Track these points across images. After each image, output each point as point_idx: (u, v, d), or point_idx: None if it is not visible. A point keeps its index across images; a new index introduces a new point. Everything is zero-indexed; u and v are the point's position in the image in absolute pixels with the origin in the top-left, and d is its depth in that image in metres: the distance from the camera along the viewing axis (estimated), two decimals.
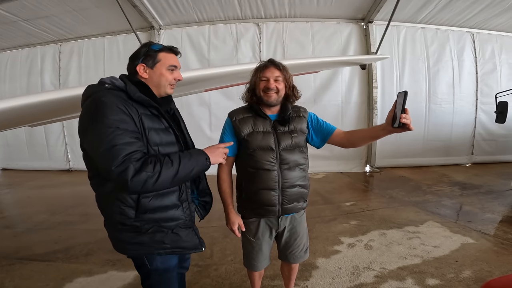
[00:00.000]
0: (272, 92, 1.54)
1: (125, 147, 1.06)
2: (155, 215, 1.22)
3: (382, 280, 2.35)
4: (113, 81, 1.21)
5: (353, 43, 6.57)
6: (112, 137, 1.05)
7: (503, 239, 2.97)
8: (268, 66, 1.57)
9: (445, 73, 6.75)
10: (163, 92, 1.32)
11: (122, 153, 1.04)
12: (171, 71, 1.30)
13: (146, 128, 1.18)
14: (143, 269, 1.33)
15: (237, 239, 1.73)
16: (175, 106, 1.48)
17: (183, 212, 1.31)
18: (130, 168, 1.03)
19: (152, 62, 1.27)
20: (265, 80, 1.55)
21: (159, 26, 6.43)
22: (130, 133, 1.10)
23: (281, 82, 1.56)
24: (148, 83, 1.27)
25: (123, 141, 1.06)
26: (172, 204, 1.26)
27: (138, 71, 1.26)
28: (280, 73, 1.55)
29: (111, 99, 1.11)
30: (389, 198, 4.52)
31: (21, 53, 7.27)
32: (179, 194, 1.30)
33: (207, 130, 6.58)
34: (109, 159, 1.04)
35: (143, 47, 1.29)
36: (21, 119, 2.46)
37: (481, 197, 4.41)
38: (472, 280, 2.29)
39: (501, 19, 6.41)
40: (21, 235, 3.50)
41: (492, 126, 6.76)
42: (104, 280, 2.47)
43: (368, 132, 1.62)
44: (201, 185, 1.49)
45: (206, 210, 1.53)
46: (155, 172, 1.08)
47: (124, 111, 1.11)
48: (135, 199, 1.18)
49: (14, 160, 7.60)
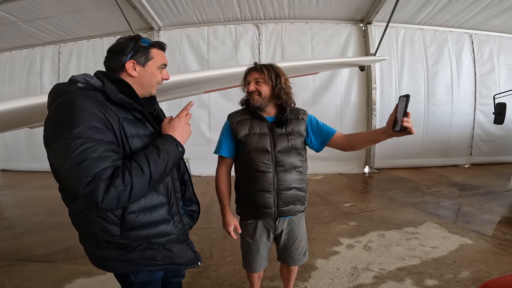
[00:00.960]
0: (254, 94, 1.55)
1: (96, 163, 0.88)
2: (144, 232, 1.09)
3: (381, 281, 2.35)
4: (87, 79, 1.03)
5: (352, 44, 6.60)
6: (81, 150, 0.88)
7: (501, 240, 2.99)
8: (250, 69, 1.59)
9: (444, 74, 6.78)
10: (147, 93, 1.18)
11: (92, 171, 0.87)
12: (161, 70, 1.18)
13: (128, 135, 1.02)
14: (125, 280, 1.20)
15: (236, 240, 1.74)
16: (159, 107, 1.36)
17: (174, 227, 1.18)
18: (99, 188, 0.87)
19: (145, 59, 1.12)
20: (248, 84, 1.57)
21: (158, 27, 6.44)
22: (105, 145, 0.93)
23: (263, 84, 1.54)
24: (133, 82, 1.12)
25: (94, 155, 0.89)
26: (162, 219, 1.13)
27: (127, 68, 1.09)
28: (259, 74, 1.55)
29: (84, 102, 0.93)
30: (388, 199, 4.54)
31: (20, 54, 7.28)
32: (169, 207, 1.16)
33: (206, 131, 6.58)
34: (75, 178, 0.88)
35: (131, 40, 1.11)
36: (20, 121, 2.46)
37: (479, 198, 4.42)
38: (470, 280, 2.30)
39: (499, 20, 6.44)
40: (20, 236, 3.50)
41: (491, 127, 6.77)
42: (104, 281, 2.47)
43: (368, 135, 1.60)
44: (187, 193, 1.37)
45: (193, 220, 1.40)
46: (126, 185, 0.91)
47: (100, 117, 0.94)
48: (119, 215, 1.04)
49: (14, 162, 7.59)
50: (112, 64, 1.11)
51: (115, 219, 1.04)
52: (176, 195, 1.21)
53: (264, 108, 1.59)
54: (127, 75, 1.11)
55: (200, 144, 5.92)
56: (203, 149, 5.47)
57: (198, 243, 2.56)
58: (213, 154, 1.72)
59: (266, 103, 1.58)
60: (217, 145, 1.70)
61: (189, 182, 1.40)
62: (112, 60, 1.10)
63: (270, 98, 1.57)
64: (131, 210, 1.05)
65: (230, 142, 1.65)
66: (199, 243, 2.99)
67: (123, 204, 0.93)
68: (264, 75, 1.54)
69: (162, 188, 1.14)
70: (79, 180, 0.87)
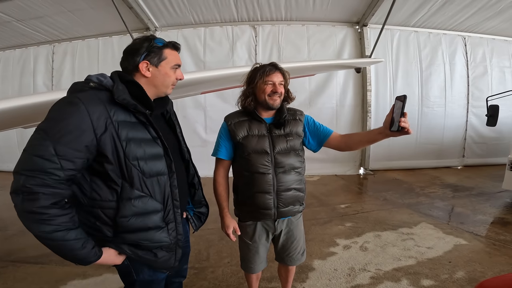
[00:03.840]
0: (277, 96, 1.55)
1: (43, 162, 0.91)
2: (135, 236, 1.09)
3: (378, 281, 2.37)
4: (101, 78, 1.07)
5: (348, 46, 6.64)
6: (36, 144, 0.93)
7: (495, 240, 3.03)
8: (273, 70, 1.57)
9: (437, 76, 6.85)
10: (162, 93, 1.20)
11: (26, 166, 0.91)
12: (174, 70, 1.19)
13: (122, 138, 1.02)
14: (128, 279, 1.22)
15: (234, 241, 1.73)
16: (173, 109, 1.37)
17: (167, 234, 1.16)
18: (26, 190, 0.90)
19: (158, 59, 1.13)
20: (271, 84, 1.55)
21: (154, 27, 6.41)
22: (72, 150, 0.95)
23: (283, 86, 1.58)
24: (147, 82, 1.14)
25: (46, 154, 0.91)
26: (154, 225, 1.11)
27: (140, 69, 1.11)
28: (283, 78, 1.58)
29: (81, 108, 0.96)
30: (383, 200, 4.57)
31: (14, 54, 7.16)
32: (164, 214, 1.14)
33: (202, 133, 6.56)
34: (17, 162, 0.92)
35: (145, 41, 1.12)
36: (12, 121, 2.43)
37: (472, 199, 4.48)
38: (466, 280, 2.33)
39: (492, 22, 6.53)
40: (13, 238, 3.44)
41: (483, 129, 6.86)
42: (99, 283, 2.45)
43: (365, 135, 1.62)
44: (196, 196, 1.42)
45: (201, 221, 1.46)
46: (43, 213, 0.92)
47: (87, 127, 0.97)
48: (111, 217, 1.05)
49: (5, 162, 7.44)
50: (127, 64, 1.13)
51: (108, 220, 1.05)
52: (174, 203, 1.18)
53: (275, 109, 1.61)
54: (141, 76, 1.13)
55: (196, 145, 5.87)
56: (199, 150, 5.41)
57: (195, 245, 2.54)
58: (209, 155, 1.71)
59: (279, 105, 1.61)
60: (214, 147, 1.69)
61: (199, 186, 1.42)
62: (127, 61, 1.13)
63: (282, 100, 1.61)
64: (122, 214, 1.05)
65: (228, 144, 1.64)
66: (196, 244, 2.98)
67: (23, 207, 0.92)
68: (286, 79, 1.59)
69: (158, 194, 1.13)
70: (19, 167, 0.91)
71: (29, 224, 0.93)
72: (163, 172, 1.14)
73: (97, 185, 1.05)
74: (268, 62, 1.63)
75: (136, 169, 1.06)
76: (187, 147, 1.39)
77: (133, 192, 1.06)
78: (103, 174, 1.04)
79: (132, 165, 1.05)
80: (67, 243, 0.96)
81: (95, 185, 1.05)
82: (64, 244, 0.96)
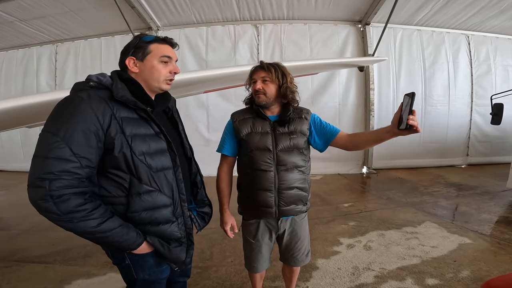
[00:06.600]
0: (260, 93, 1.54)
1: (64, 163, 0.92)
2: (146, 228, 1.12)
3: (382, 280, 2.36)
4: (100, 78, 1.08)
5: (351, 45, 6.62)
6: (51, 147, 0.93)
7: (499, 239, 3.01)
8: (257, 68, 1.59)
9: (441, 75, 6.83)
10: (156, 88, 1.18)
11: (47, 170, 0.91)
12: (164, 63, 1.15)
13: (127, 134, 1.04)
14: (129, 278, 1.21)
15: (236, 240, 1.72)
16: (175, 106, 1.36)
17: (178, 228, 1.17)
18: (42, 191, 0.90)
19: (142, 54, 1.12)
20: (254, 83, 1.57)
21: (157, 27, 6.42)
22: (85, 147, 0.97)
23: (269, 82, 1.54)
24: (138, 78, 1.14)
25: (65, 154, 0.93)
26: (165, 219, 1.13)
27: (128, 65, 1.12)
28: (266, 73, 1.54)
29: (85, 105, 0.98)
30: (387, 199, 4.55)
31: (17, 54, 7.21)
32: (174, 208, 1.16)
33: (205, 132, 6.55)
34: (32, 169, 0.93)
35: (135, 39, 1.15)
36: (16, 120, 2.44)
37: (477, 198, 4.45)
38: (471, 279, 2.31)
39: (496, 21, 6.50)
40: (17, 237, 3.46)
41: (487, 128, 6.84)
42: (104, 282, 2.45)
43: (372, 134, 1.57)
44: (199, 195, 1.40)
45: (205, 222, 1.43)
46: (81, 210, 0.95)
47: (94, 123, 0.98)
48: (123, 212, 1.07)
49: (9, 162, 7.50)
50: (120, 63, 1.16)
51: (121, 214, 1.07)
52: (181, 197, 1.19)
53: (268, 106, 1.59)
54: (131, 73, 1.15)
55: (198, 144, 5.86)
56: (201, 149, 5.42)
57: (198, 244, 2.52)
58: (211, 154, 1.71)
59: (272, 102, 1.57)
60: (219, 143, 1.69)
61: (201, 184, 1.41)
62: (121, 60, 1.16)
63: (276, 97, 1.57)
64: (133, 209, 1.07)
65: (233, 141, 1.64)
66: (199, 243, 2.97)
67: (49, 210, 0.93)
68: (271, 74, 1.53)
69: (166, 189, 1.14)
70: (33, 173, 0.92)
71: (75, 226, 0.96)
72: (168, 166, 1.15)
73: (106, 181, 1.06)
74: (271, 61, 1.63)
75: (143, 164, 1.07)
76: (189, 144, 1.38)
77: (142, 187, 1.07)
78: (111, 170, 1.05)
79: (139, 160, 1.06)
80: (115, 232, 1.01)
81: (104, 181, 1.06)
82: (113, 234, 1.00)
